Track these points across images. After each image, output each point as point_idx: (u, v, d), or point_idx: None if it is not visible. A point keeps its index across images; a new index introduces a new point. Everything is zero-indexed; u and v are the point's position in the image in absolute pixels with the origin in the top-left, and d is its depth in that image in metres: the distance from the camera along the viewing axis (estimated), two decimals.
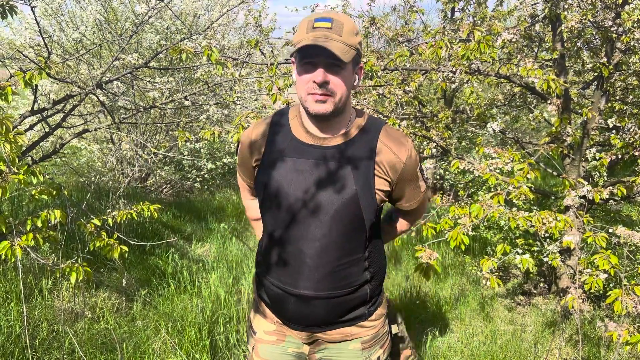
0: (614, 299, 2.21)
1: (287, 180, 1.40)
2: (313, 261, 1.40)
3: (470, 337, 3.39)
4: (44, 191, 2.40)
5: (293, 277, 1.43)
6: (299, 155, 1.41)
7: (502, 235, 4.43)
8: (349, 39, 1.31)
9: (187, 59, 2.66)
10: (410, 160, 1.43)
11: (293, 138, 1.43)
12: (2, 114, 2.11)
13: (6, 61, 4.81)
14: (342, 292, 1.44)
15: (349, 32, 1.31)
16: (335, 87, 1.32)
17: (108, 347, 2.73)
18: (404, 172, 1.43)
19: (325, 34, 1.28)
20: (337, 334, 1.51)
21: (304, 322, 1.49)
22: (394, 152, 1.41)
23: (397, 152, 1.41)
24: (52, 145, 5.09)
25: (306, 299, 1.44)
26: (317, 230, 1.39)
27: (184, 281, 3.62)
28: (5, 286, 3.01)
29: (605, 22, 3.09)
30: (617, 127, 3.35)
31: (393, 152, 1.41)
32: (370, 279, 1.49)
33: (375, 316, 1.54)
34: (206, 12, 6.30)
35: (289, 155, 1.42)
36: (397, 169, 1.42)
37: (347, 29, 1.31)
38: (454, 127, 4.58)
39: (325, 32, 1.28)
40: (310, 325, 1.50)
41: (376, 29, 3.41)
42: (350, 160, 1.39)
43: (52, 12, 5.35)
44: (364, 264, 1.47)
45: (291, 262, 1.43)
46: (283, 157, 1.42)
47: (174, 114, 6.12)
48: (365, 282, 1.48)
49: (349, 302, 1.47)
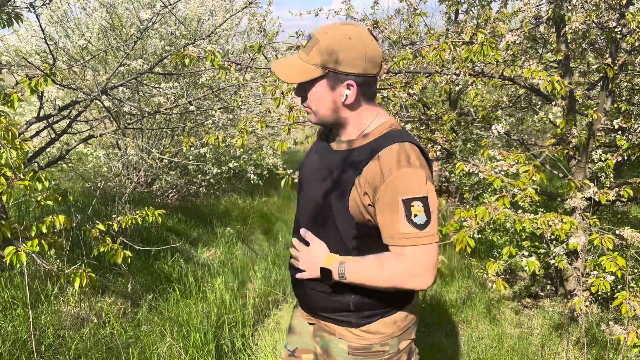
0: (621, 301, 2.19)
1: (304, 173, 1.59)
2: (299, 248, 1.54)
3: (477, 340, 3.37)
4: (50, 197, 2.41)
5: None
6: (318, 155, 1.57)
7: (508, 238, 4.41)
8: (313, 58, 1.34)
9: (191, 64, 2.67)
10: (393, 182, 1.28)
11: (324, 141, 1.56)
12: (8, 121, 2.12)
13: (12, 68, 4.84)
14: (318, 287, 1.48)
15: (319, 50, 1.33)
16: (310, 102, 1.42)
17: (114, 352, 2.73)
18: (382, 192, 1.30)
19: (288, 57, 1.43)
20: (326, 326, 1.53)
21: (299, 301, 1.63)
22: (380, 166, 1.31)
23: (383, 166, 1.30)
24: (58, 151, 5.12)
25: (295, 281, 1.56)
26: (305, 223, 1.53)
27: (189, 286, 3.62)
28: (12, 292, 3.02)
29: (610, 23, 3.08)
30: (623, 128, 3.33)
31: (380, 165, 1.31)
32: (355, 291, 1.43)
33: (368, 329, 1.46)
34: (210, 17, 6.32)
35: (313, 153, 1.61)
36: (376, 184, 1.31)
37: (319, 47, 1.33)
38: (459, 129, 4.57)
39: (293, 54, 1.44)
40: (303, 306, 1.61)
41: (379, 32, 3.41)
42: (341, 168, 1.41)
43: (57, 19, 5.39)
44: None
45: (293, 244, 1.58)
46: (311, 154, 1.62)
47: (179, 119, 6.14)
48: (345, 290, 1.44)
49: (326, 301, 1.48)
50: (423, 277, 1.31)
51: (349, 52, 1.32)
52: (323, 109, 1.40)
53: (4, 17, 2.95)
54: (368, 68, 1.34)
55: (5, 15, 2.96)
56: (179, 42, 5.48)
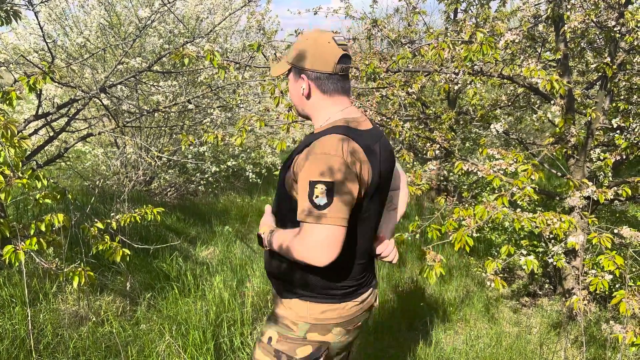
0: (619, 300, 2.20)
1: None
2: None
3: (475, 339, 3.38)
4: (48, 195, 2.41)
5: None
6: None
7: (506, 237, 4.42)
8: (288, 57, 1.63)
9: (190, 63, 2.67)
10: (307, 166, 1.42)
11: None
12: (6, 119, 2.12)
13: (11, 66, 4.83)
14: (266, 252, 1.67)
15: (291, 50, 1.62)
16: (289, 96, 1.73)
17: (112, 350, 2.73)
18: (300, 175, 1.45)
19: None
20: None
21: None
22: (307, 152, 1.46)
23: (308, 152, 1.46)
24: (56, 149, 5.11)
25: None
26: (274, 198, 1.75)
27: (188, 284, 3.62)
28: (10, 290, 3.02)
29: (609, 22, 3.08)
30: (622, 127, 3.34)
31: (307, 151, 1.47)
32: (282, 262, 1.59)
33: (287, 303, 1.61)
34: (209, 16, 6.31)
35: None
36: (299, 167, 1.47)
37: (292, 48, 1.62)
38: (458, 128, 4.57)
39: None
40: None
41: (379, 31, 3.41)
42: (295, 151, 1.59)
43: (56, 17, 5.37)
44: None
45: None
46: None
47: (177, 117, 6.13)
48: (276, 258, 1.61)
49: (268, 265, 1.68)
50: (316, 253, 1.41)
51: (306, 51, 1.56)
52: (294, 101, 1.66)
53: (2, 14, 2.94)
54: (318, 65, 1.55)
55: (3, 12, 2.95)
56: (177, 40, 5.47)
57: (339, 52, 1.54)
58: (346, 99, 1.61)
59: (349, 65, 1.57)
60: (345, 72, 1.57)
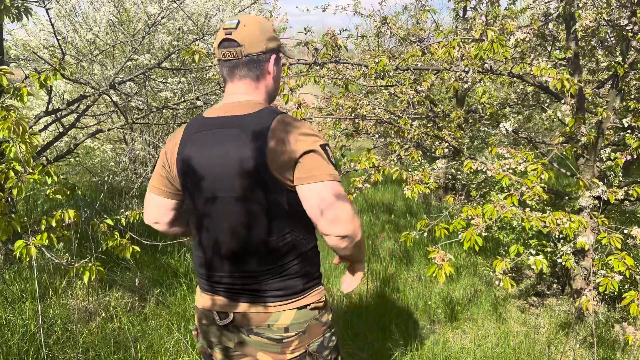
0: (629, 301, 2.18)
1: None
2: None
3: (483, 339, 3.37)
4: (58, 191, 2.42)
5: None
6: None
7: (515, 236, 4.39)
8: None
9: (200, 60, 2.67)
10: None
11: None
12: (17, 115, 2.13)
13: (21, 62, 4.86)
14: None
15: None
16: None
17: (121, 346, 2.75)
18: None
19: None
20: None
21: None
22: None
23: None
24: (66, 146, 5.14)
25: None
26: None
27: (196, 281, 3.64)
28: (21, 285, 3.04)
29: (621, 21, 3.05)
30: (633, 127, 3.30)
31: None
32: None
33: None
34: (218, 13, 6.31)
35: None
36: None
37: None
38: (466, 126, 4.56)
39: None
40: None
41: (388, 29, 3.40)
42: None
43: (65, 13, 5.40)
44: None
45: None
46: None
47: (186, 114, 6.15)
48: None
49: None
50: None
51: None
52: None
53: (13, 11, 2.96)
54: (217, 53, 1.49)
55: (15, 9, 2.97)
56: (186, 37, 5.48)
57: (220, 36, 1.45)
58: (230, 85, 1.50)
59: (228, 50, 1.44)
60: (227, 57, 1.44)
